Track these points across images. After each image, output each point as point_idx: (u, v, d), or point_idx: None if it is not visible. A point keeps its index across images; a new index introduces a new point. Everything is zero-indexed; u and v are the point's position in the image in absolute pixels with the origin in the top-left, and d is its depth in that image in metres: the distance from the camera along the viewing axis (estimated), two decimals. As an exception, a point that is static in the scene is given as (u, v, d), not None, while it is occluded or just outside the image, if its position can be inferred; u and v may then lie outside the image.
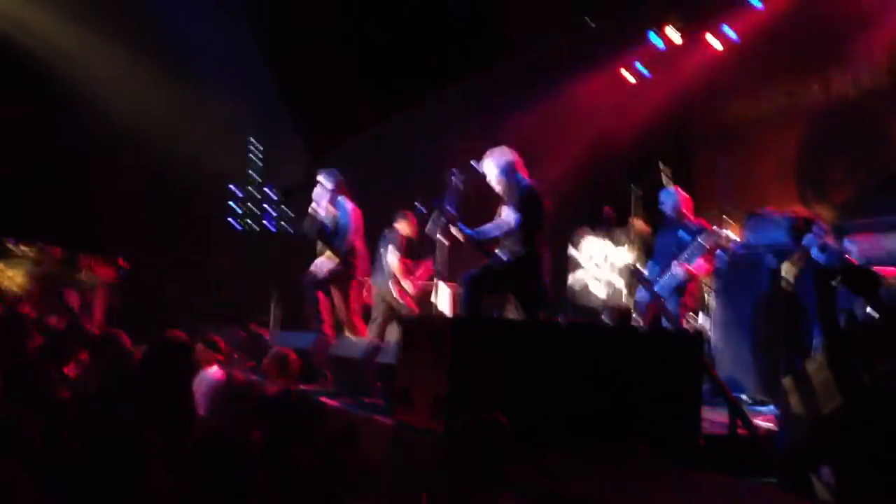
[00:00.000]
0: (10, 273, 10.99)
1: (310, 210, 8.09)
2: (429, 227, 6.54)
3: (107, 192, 13.55)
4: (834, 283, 4.76)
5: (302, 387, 6.11)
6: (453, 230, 6.24)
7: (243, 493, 2.65)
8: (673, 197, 7.85)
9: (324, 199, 8.01)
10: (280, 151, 14.30)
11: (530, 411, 4.20)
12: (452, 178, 6.40)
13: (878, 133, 8.98)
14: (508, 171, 6.33)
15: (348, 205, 8.07)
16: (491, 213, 6.49)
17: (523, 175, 6.38)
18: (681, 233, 7.68)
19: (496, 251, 6.29)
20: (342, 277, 8.11)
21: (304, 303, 8.21)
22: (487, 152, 6.43)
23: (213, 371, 7.01)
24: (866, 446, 3.67)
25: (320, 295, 8.08)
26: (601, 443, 4.41)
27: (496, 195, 6.46)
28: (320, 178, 8.09)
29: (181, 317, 10.73)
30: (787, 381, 4.80)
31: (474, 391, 4.27)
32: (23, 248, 11.35)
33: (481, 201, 6.64)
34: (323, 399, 5.84)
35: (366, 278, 8.56)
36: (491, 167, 6.36)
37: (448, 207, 6.29)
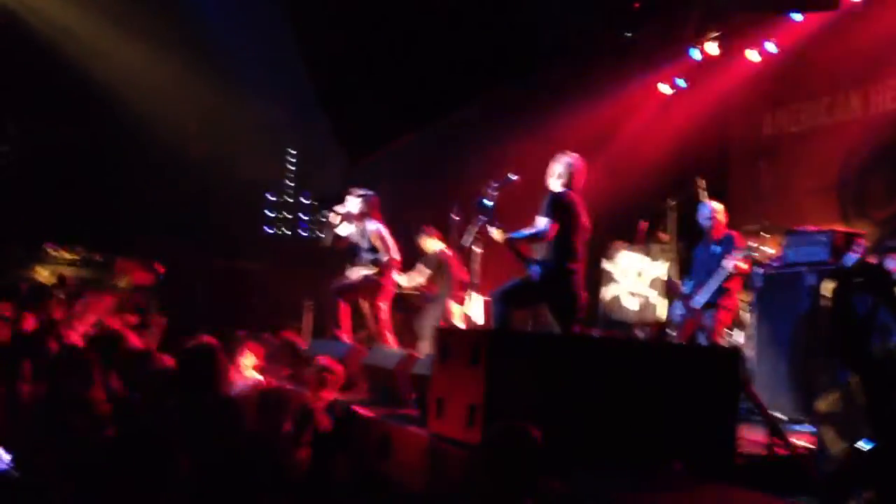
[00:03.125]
0: (47, 276, 11.16)
1: (329, 219, 8.23)
2: (464, 237, 6.56)
3: (144, 197, 13.71)
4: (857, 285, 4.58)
5: (337, 396, 6.13)
6: (493, 231, 6.25)
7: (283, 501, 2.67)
8: (708, 209, 7.82)
9: (352, 214, 8.15)
10: (317, 159, 14.41)
11: (565, 424, 4.18)
12: (490, 189, 6.41)
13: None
14: (559, 176, 6.38)
15: (381, 226, 8.18)
16: (526, 224, 6.50)
17: (574, 185, 6.41)
18: (713, 246, 7.66)
19: (531, 263, 6.29)
20: (374, 289, 8.16)
21: (330, 310, 8.31)
22: (561, 154, 6.46)
23: (250, 377, 7.08)
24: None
25: (342, 303, 8.17)
26: (635, 458, 4.38)
27: (532, 205, 6.48)
28: (353, 196, 8.21)
29: (215, 322, 10.84)
30: (826, 400, 4.74)
31: (509, 403, 4.26)
32: (63, 252, 11.53)
33: (516, 212, 6.65)
34: (357, 409, 5.85)
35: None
36: (560, 167, 6.41)
37: (486, 210, 6.33)
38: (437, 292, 9.04)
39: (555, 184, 6.45)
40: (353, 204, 8.21)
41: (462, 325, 8.18)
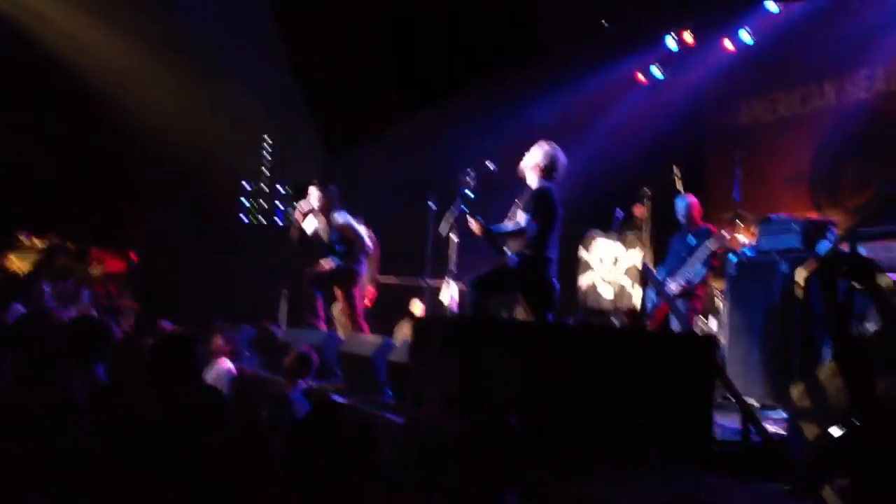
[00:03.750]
0: (20, 265, 11.03)
1: (294, 215, 8.22)
2: (441, 225, 6.56)
3: (119, 185, 13.58)
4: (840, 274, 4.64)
5: (313, 384, 6.12)
6: (471, 222, 6.24)
7: (262, 489, 2.67)
8: (685, 203, 7.94)
9: (306, 209, 8.15)
10: (294, 148, 14.33)
11: (541, 412, 4.20)
12: (466, 177, 6.42)
13: (892, 137, 8.97)
14: (547, 167, 6.35)
15: (349, 215, 8.18)
16: (503, 212, 6.51)
17: (556, 176, 6.40)
18: (689, 238, 7.80)
19: (506, 250, 6.31)
20: (347, 279, 8.16)
21: (303, 299, 8.30)
22: (539, 144, 6.44)
23: (224, 364, 7.05)
24: (880, 454, 3.65)
25: (316, 291, 8.17)
26: (611, 445, 4.41)
27: (509, 194, 6.49)
28: (314, 190, 8.19)
29: (191, 311, 10.77)
30: (799, 387, 4.79)
31: (486, 391, 4.27)
32: (35, 240, 11.40)
33: (493, 200, 6.66)
34: (333, 397, 5.85)
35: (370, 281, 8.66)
36: (536, 156, 6.38)
37: (464, 199, 6.33)
38: None
39: (532, 174, 6.42)
40: (314, 198, 8.20)
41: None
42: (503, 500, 3.36)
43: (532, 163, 6.42)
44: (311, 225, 8.31)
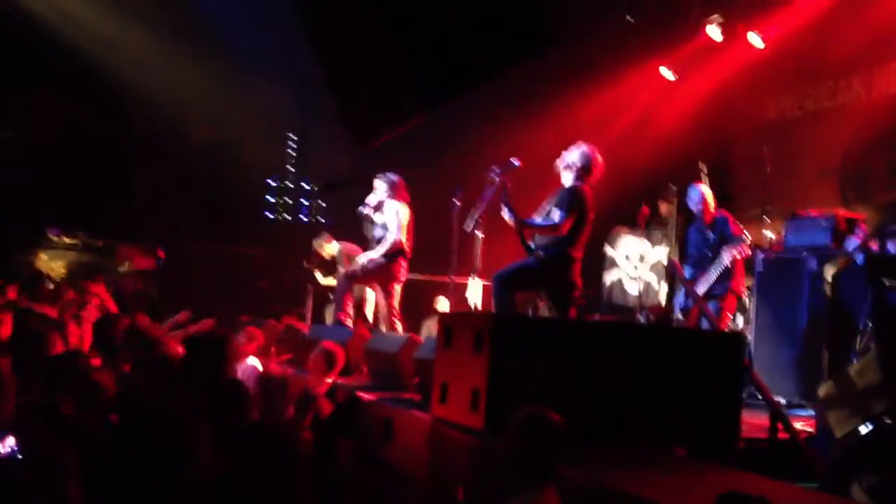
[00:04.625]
0: (52, 264, 11.17)
1: (364, 212, 8.16)
2: (467, 222, 6.55)
3: (147, 183, 13.71)
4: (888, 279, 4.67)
5: (339, 380, 6.14)
6: (505, 212, 6.22)
7: (289, 484, 2.69)
8: (697, 192, 7.82)
9: (374, 202, 8.09)
10: (321, 144, 14.39)
11: (567, 408, 4.19)
12: (492, 174, 6.40)
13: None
14: (583, 167, 6.35)
15: (400, 206, 8.07)
16: (528, 210, 6.49)
17: (590, 178, 6.39)
18: (707, 230, 7.68)
19: (533, 246, 6.30)
20: (385, 276, 8.13)
21: (335, 294, 8.31)
22: (578, 144, 6.43)
23: (250, 362, 7.09)
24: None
25: (351, 287, 8.17)
26: (638, 443, 4.39)
27: (535, 191, 6.48)
28: (376, 182, 8.14)
29: (217, 307, 10.86)
30: (827, 385, 4.76)
31: (513, 388, 4.27)
32: (65, 239, 11.54)
33: (519, 197, 6.64)
34: (359, 394, 5.87)
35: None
36: (574, 156, 6.37)
37: (499, 191, 6.30)
38: None
39: (567, 174, 6.41)
40: (381, 190, 8.14)
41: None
42: (541, 495, 3.37)
43: (569, 161, 6.41)
44: (333, 248, 8.31)
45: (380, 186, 8.10)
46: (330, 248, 8.87)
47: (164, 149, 13.54)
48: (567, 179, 6.43)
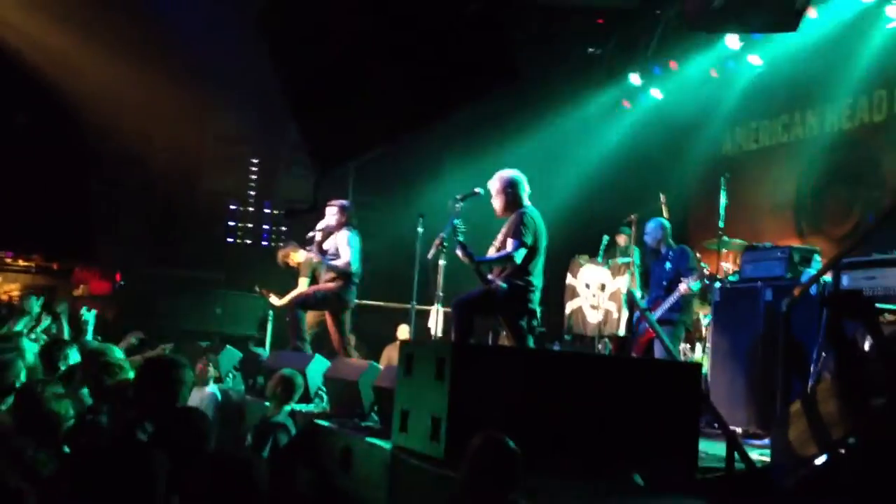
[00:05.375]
0: (6, 287, 10.99)
1: (309, 237, 8.15)
2: (430, 251, 6.58)
3: (105, 206, 13.55)
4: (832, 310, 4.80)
5: (298, 408, 6.10)
6: (460, 252, 6.26)
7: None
8: (652, 226, 7.98)
9: (328, 228, 8.08)
10: (283, 170, 14.35)
11: (527, 437, 4.20)
12: (454, 203, 6.44)
13: (873, 167, 9.08)
14: (511, 192, 6.39)
15: (351, 233, 8.08)
16: (489, 239, 6.53)
17: (526, 200, 6.44)
18: (666, 263, 7.84)
19: (491, 279, 6.33)
20: (336, 303, 8.12)
21: (288, 322, 8.25)
22: (498, 172, 6.49)
23: (210, 389, 7.02)
24: (878, 473, 3.68)
25: (302, 314, 8.14)
26: (596, 471, 4.42)
27: (497, 221, 6.51)
28: (328, 209, 8.15)
29: (176, 333, 10.73)
30: (783, 414, 4.82)
31: (474, 416, 4.27)
32: (20, 261, 11.36)
33: (481, 227, 6.68)
34: (318, 421, 5.83)
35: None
36: (496, 184, 6.42)
37: (451, 227, 6.34)
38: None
39: (502, 204, 6.43)
40: (330, 216, 8.15)
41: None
42: None
43: (496, 194, 6.45)
44: (301, 256, 8.29)
45: (331, 213, 8.12)
46: (297, 256, 8.82)
47: (123, 171, 13.41)
48: (508, 210, 6.44)
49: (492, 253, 6.43)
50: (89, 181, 13.39)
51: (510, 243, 6.27)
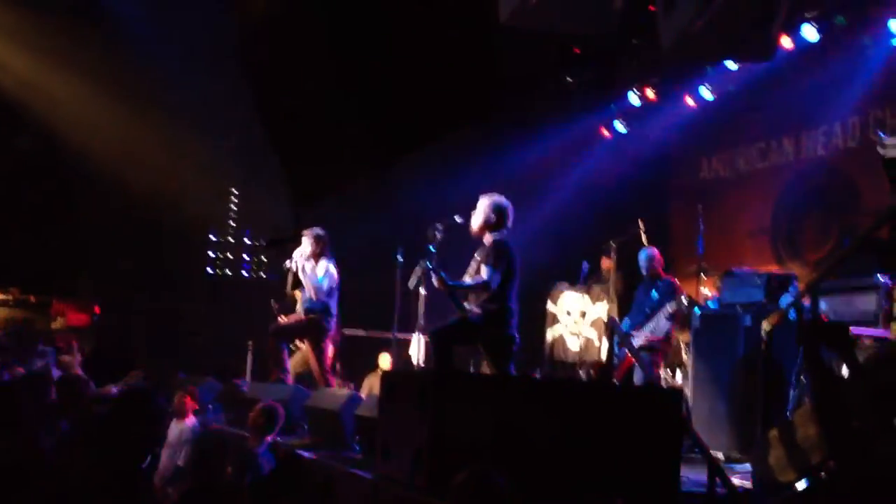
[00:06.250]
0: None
1: (288, 266, 8.13)
2: (410, 279, 6.59)
3: (83, 236, 13.46)
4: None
5: (279, 439, 6.06)
6: (434, 278, 6.28)
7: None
8: (646, 255, 8.10)
9: (303, 257, 8.07)
10: (264, 199, 14.31)
11: (509, 465, 4.20)
12: (434, 231, 6.46)
13: (850, 192, 9.19)
14: (496, 216, 6.40)
15: (329, 262, 8.09)
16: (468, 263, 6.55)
17: (508, 226, 6.46)
18: (652, 291, 7.95)
19: (467, 305, 6.34)
20: (316, 333, 8.10)
21: (268, 352, 8.22)
22: (493, 194, 6.51)
23: (188, 420, 6.96)
24: (857, 498, 3.70)
25: (282, 344, 8.12)
26: (579, 497, 4.41)
27: (476, 247, 6.53)
28: (304, 238, 8.14)
29: (155, 365, 10.64)
30: (764, 440, 4.84)
31: (456, 445, 4.26)
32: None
33: (462, 254, 6.70)
34: (300, 452, 5.79)
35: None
36: (486, 201, 6.43)
37: (430, 254, 6.36)
38: None
39: (479, 223, 6.45)
40: (306, 245, 8.14)
41: None
42: None
43: (481, 211, 6.47)
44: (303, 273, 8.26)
45: (308, 242, 8.12)
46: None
47: (102, 202, 13.33)
48: (486, 236, 6.46)
49: (466, 279, 6.44)
50: (67, 213, 13.31)
51: (485, 270, 6.28)
